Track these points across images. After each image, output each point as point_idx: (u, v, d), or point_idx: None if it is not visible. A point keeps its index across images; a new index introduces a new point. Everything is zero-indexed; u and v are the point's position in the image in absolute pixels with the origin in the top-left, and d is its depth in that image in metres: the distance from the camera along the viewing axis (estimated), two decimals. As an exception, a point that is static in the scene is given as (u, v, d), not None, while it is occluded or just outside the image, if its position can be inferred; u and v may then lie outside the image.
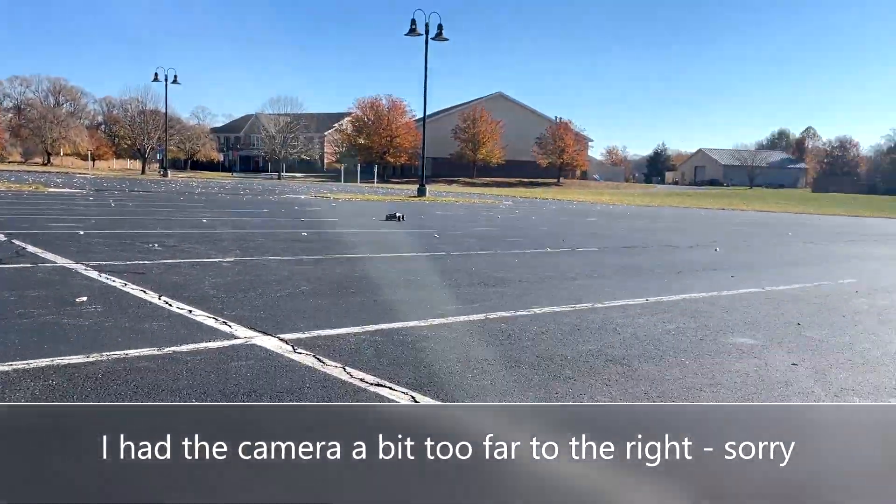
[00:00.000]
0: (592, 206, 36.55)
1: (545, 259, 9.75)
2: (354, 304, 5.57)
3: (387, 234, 13.35)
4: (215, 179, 62.42)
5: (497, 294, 6.43)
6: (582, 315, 5.55)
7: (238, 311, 5.05)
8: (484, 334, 4.71)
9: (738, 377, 3.86)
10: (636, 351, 4.39)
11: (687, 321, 5.44)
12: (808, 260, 11.22)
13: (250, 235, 11.35)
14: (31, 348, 3.80)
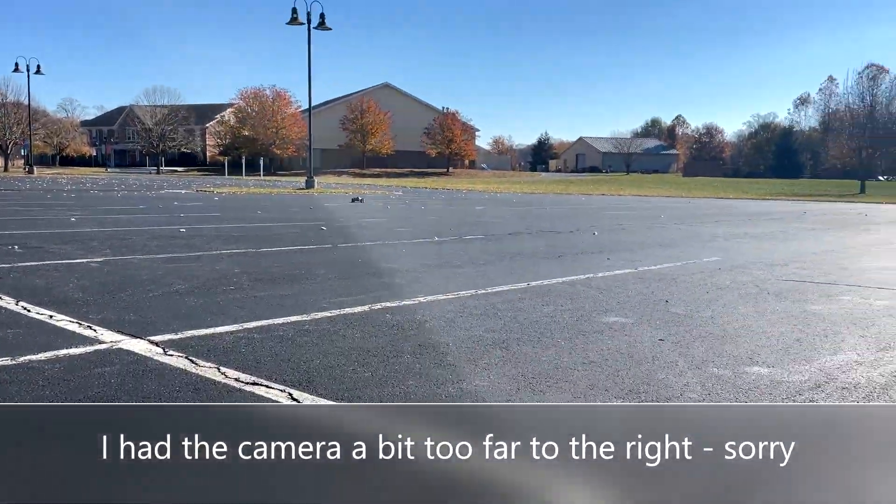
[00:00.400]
0: (480, 195, 37.18)
1: (432, 248, 9.82)
2: (233, 302, 5.39)
3: (273, 227, 13.02)
4: (87, 175, 58.68)
5: (383, 285, 6.41)
6: (465, 302, 5.62)
7: (105, 314, 4.77)
8: (367, 326, 4.68)
9: (609, 354, 4.03)
10: (515, 334, 4.50)
11: (564, 303, 5.63)
12: (678, 241, 11.90)
13: (123, 234, 10.75)
14: None
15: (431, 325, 4.74)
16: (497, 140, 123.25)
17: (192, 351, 3.88)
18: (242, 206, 20.58)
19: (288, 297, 5.70)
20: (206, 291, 5.81)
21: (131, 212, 16.29)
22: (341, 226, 13.47)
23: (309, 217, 16.21)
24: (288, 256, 8.45)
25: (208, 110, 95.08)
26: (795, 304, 5.77)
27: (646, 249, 10.16)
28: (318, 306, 5.27)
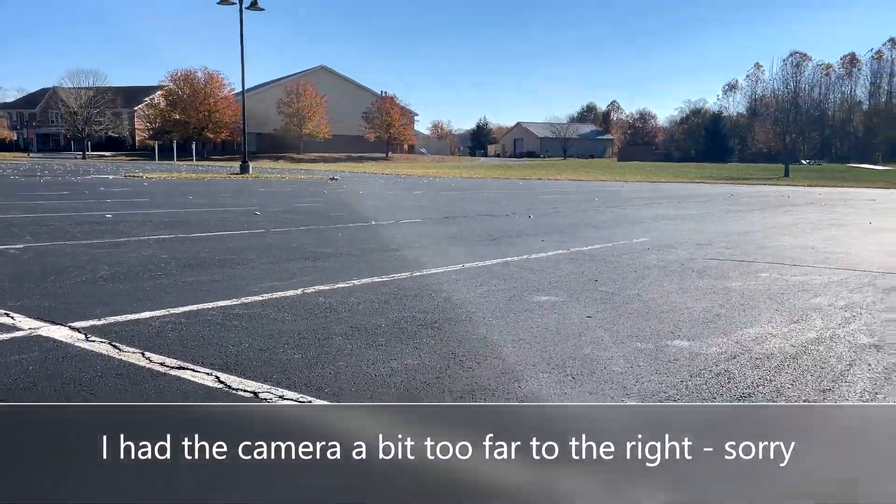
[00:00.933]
0: (419, 179, 37.15)
1: (369, 232, 9.78)
2: (159, 287, 5.27)
3: (204, 213, 12.72)
4: (7, 161, 55.93)
5: (317, 268, 6.36)
6: (400, 284, 5.64)
7: (24, 302, 4.59)
8: (299, 309, 4.65)
9: (538, 332, 4.12)
10: (448, 314, 4.55)
11: (497, 283, 5.71)
12: (610, 223, 12.18)
13: (46, 220, 10.33)
14: None
15: (364, 307, 4.74)
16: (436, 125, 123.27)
17: (116, 336, 3.78)
18: (173, 191, 20.02)
19: (218, 282, 5.60)
20: (132, 277, 5.66)
21: (55, 198, 15.65)
22: (275, 211, 13.27)
23: (242, 202, 15.91)
24: (219, 242, 8.29)
25: (137, 93, 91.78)
26: (717, 281, 6.00)
27: (579, 231, 10.37)
28: (249, 291, 5.20)
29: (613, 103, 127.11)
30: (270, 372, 3.28)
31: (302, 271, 6.18)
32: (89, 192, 18.40)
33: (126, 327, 4.02)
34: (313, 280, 5.73)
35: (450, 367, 3.41)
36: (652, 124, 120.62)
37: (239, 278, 5.76)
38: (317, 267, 6.45)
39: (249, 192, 20.14)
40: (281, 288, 5.34)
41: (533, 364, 3.49)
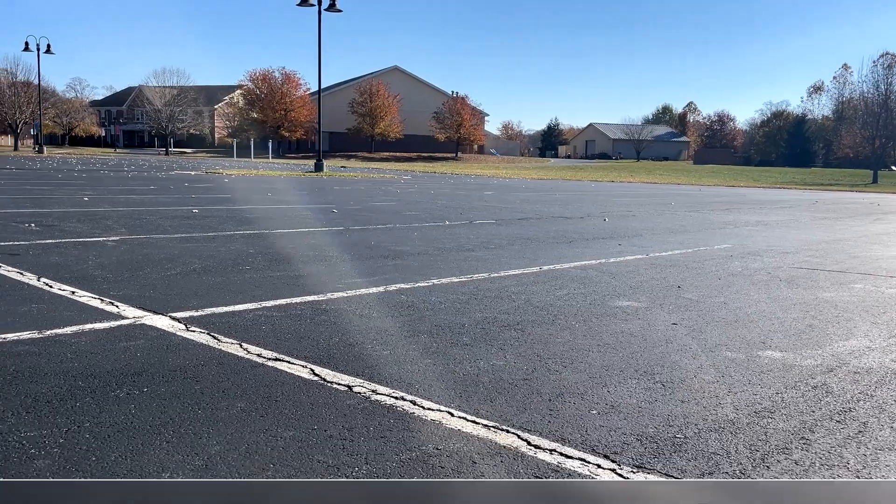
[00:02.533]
0: (489, 180, 37.14)
1: (443, 232, 9.86)
2: (250, 281, 5.46)
3: (283, 209, 13.08)
4: (97, 155, 58.86)
5: (396, 266, 6.47)
6: (478, 284, 5.68)
7: (125, 291, 4.85)
8: (383, 306, 4.74)
9: (623, 337, 4.08)
10: (529, 316, 4.56)
11: (577, 287, 5.68)
12: (689, 227, 11.90)
13: (137, 213, 10.83)
14: None
15: (446, 306, 4.80)
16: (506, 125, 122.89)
17: (214, 327, 3.96)
18: (252, 188, 20.65)
19: (304, 277, 5.76)
20: (223, 271, 5.88)
21: (143, 192, 16.38)
22: (352, 209, 13.53)
23: (319, 200, 16.27)
24: (300, 238, 8.52)
25: (217, 92, 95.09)
26: (807, 292, 5.80)
27: (657, 236, 10.17)
28: (334, 287, 5.34)
29: (690, 104, 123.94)
30: (361, 367, 3.36)
31: (382, 269, 6.30)
32: (174, 187, 19.17)
33: (222, 318, 4.19)
34: (394, 278, 5.83)
35: (536, 369, 3.43)
36: (730, 126, 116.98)
37: (323, 274, 5.92)
38: (396, 265, 6.55)
39: (325, 190, 20.59)
40: (364, 285, 5.46)
41: (620, 370, 3.46)
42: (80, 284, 5.00)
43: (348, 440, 2.49)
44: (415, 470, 2.27)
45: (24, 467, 2.17)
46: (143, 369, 3.18)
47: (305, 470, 2.24)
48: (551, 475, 2.27)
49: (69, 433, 2.44)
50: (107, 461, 2.24)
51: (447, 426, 2.65)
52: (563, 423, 2.72)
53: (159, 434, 2.47)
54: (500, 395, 3.02)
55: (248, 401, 2.84)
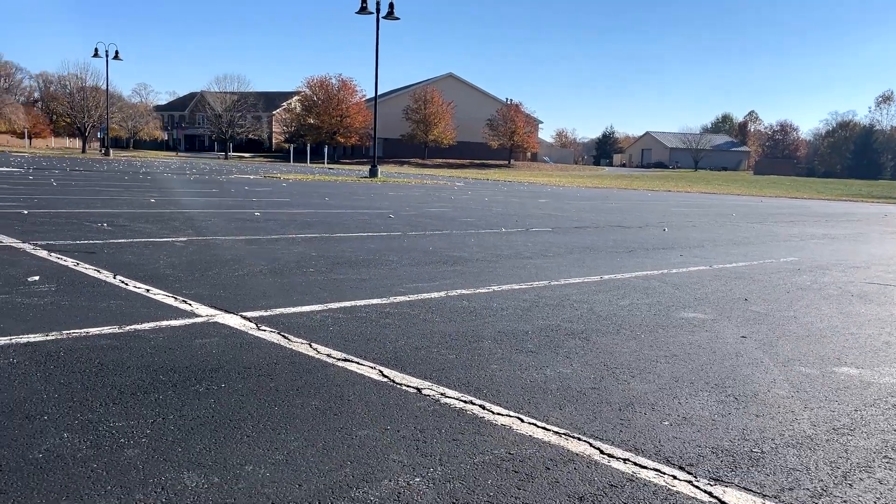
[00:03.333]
0: (543, 188, 36.95)
1: (500, 239, 9.86)
2: (314, 283, 5.57)
3: (342, 214, 13.28)
4: (159, 159, 60.78)
5: (456, 272, 6.50)
6: (539, 292, 5.66)
7: (197, 290, 5.00)
8: (445, 311, 4.78)
9: (691, 349, 4.02)
10: (593, 325, 4.52)
11: (640, 297, 5.61)
12: (752, 239, 11.62)
13: (201, 215, 11.16)
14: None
15: (508, 312, 4.81)
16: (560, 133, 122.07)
17: (283, 327, 4.05)
18: (310, 192, 21.01)
19: (366, 280, 5.84)
20: (288, 272, 6.01)
21: (206, 195, 16.85)
22: (408, 214, 13.64)
23: (375, 205, 16.45)
24: (360, 242, 8.63)
25: (276, 98, 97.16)
26: (882, 308, 5.60)
27: (719, 247, 9.96)
28: (396, 291, 5.40)
29: (751, 114, 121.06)
30: (429, 370, 3.40)
31: (442, 274, 6.34)
32: (235, 190, 19.66)
33: (290, 319, 4.29)
34: (454, 283, 5.86)
35: (604, 378, 3.40)
36: (793, 137, 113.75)
37: (384, 278, 5.99)
38: (455, 271, 6.59)
39: (380, 196, 20.81)
40: (425, 289, 5.51)
41: (690, 381, 3.41)
42: (153, 283, 5.18)
43: (421, 441, 2.52)
44: (489, 473, 2.29)
45: (115, 456, 2.27)
46: (220, 366, 3.28)
47: (381, 469, 2.28)
48: (626, 484, 2.26)
49: (155, 424, 2.54)
50: (192, 452, 2.32)
51: (518, 431, 2.66)
52: (636, 433, 2.70)
53: (239, 428, 2.55)
54: (569, 403, 3.01)
55: (322, 399, 2.90)
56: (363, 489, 2.13)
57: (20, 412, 2.59)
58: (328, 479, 2.19)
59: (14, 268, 5.52)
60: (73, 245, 6.96)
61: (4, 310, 4.13)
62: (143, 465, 2.21)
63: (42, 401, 2.72)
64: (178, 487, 2.07)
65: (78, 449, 2.30)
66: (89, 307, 4.31)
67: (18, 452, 2.25)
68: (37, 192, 14.40)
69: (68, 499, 1.97)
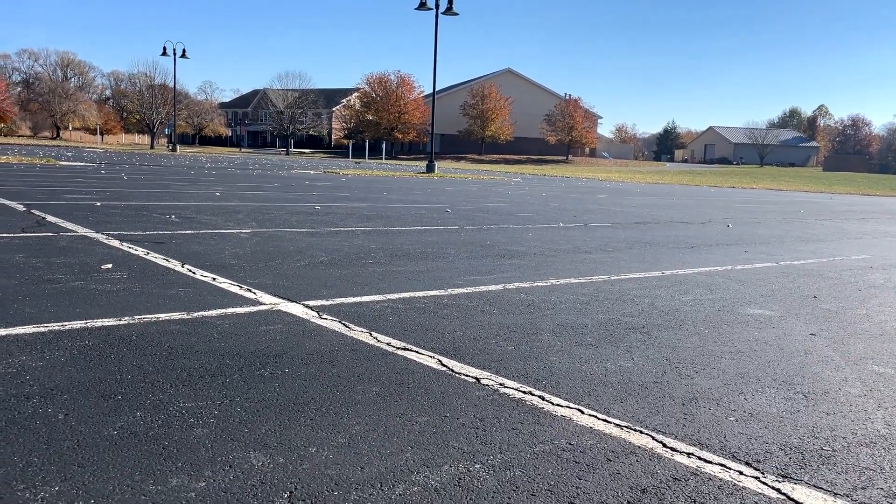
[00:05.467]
0: (601, 184, 36.44)
1: (558, 233, 9.78)
2: (373, 274, 5.64)
3: (400, 208, 13.38)
4: (224, 154, 62.41)
5: (513, 266, 6.48)
6: (598, 286, 5.60)
7: (261, 280, 5.13)
8: (503, 303, 4.77)
9: (757, 345, 3.91)
10: (654, 320, 4.45)
11: (703, 293, 5.49)
12: (821, 236, 11.21)
13: (264, 208, 11.41)
14: (63, 311, 3.88)
15: (567, 306, 4.77)
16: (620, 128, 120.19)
17: (344, 316, 4.12)
18: (368, 187, 21.25)
19: (424, 273, 5.88)
20: (348, 264, 6.10)
21: (268, 189, 17.22)
22: (465, 209, 13.65)
23: (432, 200, 16.52)
24: (418, 236, 8.69)
25: (335, 94, 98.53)
26: (963, 307, 5.33)
27: (786, 244, 9.65)
28: (454, 283, 5.42)
29: (821, 108, 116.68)
30: (487, 360, 3.40)
31: (499, 268, 6.32)
32: (296, 185, 20.03)
33: (351, 308, 4.35)
34: (511, 277, 5.84)
35: (667, 372, 3.34)
36: (865, 132, 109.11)
37: (442, 270, 6.02)
38: (513, 264, 6.56)
39: (437, 191, 20.88)
40: (483, 282, 5.51)
41: (756, 378, 3.32)
42: (219, 272, 5.33)
43: (480, 429, 2.52)
44: (549, 463, 2.28)
45: (185, 434, 2.35)
46: (284, 352, 3.36)
47: (441, 455, 2.29)
48: (690, 478, 2.22)
49: (222, 406, 2.62)
50: (258, 433, 2.38)
51: (578, 423, 2.64)
52: (700, 428, 2.64)
53: (303, 412, 2.60)
54: (631, 397, 2.97)
55: (382, 386, 2.94)
56: (424, 473, 2.15)
57: (96, 391, 2.71)
58: (389, 462, 2.21)
59: (89, 256, 5.77)
60: (144, 235, 7.22)
61: (80, 295, 4.32)
62: (211, 444, 2.28)
63: (116, 381, 2.83)
64: (246, 466, 2.13)
65: (150, 427, 2.39)
66: (159, 294, 4.47)
67: (95, 429, 2.35)
68: (109, 186, 14.98)
69: (141, 474, 2.05)
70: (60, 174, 18.64)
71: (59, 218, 8.32)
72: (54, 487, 1.94)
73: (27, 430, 2.31)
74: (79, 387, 2.74)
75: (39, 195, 11.57)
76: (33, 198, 10.92)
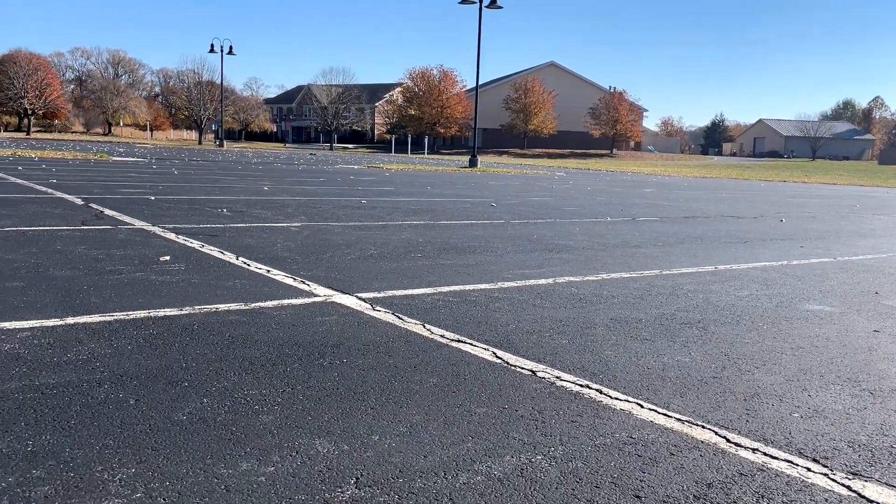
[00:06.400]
0: (648, 178, 35.94)
1: (606, 228, 9.69)
2: (423, 267, 5.67)
3: (444, 202, 13.41)
4: (269, 150, 63.34)
5: (562, 260, 6.44)
6: (650, 281, 5.53)
7: (313, 272, 5.20)
8: (554, 297, 4.75)
9: (818, 342, 3.82)
10: (711, 315, 4.38)
11: (759, 288, 5.37)
12: (879, 231, 10.87)
13: (312, 202, 11.56)
14: (127, 301, 4.00)
15: (619, 300, 4.72)
16: (666, 121, 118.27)
17: (397, 308, 4.15)
18: (412, 181, 21.34)
19: (472, 266, 5.89)
20: (397, 257, 6.15)
21: (314, 183, 17.44)
22: (510, 203, 13.61)
23: (476, 194, 16.51)
24: (464, 230, 8.70)
25: (378, 89, 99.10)
26: None
27: (842, 239, 9.39)
28: (503, 276, 5.41)
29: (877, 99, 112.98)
30: (542, 353, 3.39)
31: (548, 262, 6.30)
32: (341, 179, 20.24)
33: (403, 301, 4.38)
34: (561, 271, 5.81)
35: (726, 368, 3.29)
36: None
37: (491, 264, 6.02)
38: (561, 259, 6.53)
39: (481, 185, 20.86)
40: (533, 276, 5.49)
41: (819, 374, 3.24)
42: (273, 264, 5.42)
43: (539, 421, 2.52)
44: (611, 455, 2.26)
45: (252, 421, 2.40)
46: (340, 342, 3.40)
47: (503, 445, 2.30)
48: (756, 474, 2.18)
49: (285, 394, 2.67)
50: (321, 421, 2.43)
51: (638, 416, 2.62)
52: (763, 424, 2.60)
53: (363, 401, 2.64)
54: (690, 391, 2.93)
55: (439, 377, 2.96)
56: (486, 463, 2.16)
57: (163, 378, 2.79)
58: (451, 452, 2.23)
59: (147, 248, 5.93)
60: (198, 228, 7.39)
61: (142, 286, 4.44)
62: (277, 431, 2.33)
63: (181, 368, 2.91)
64: (312, 452, 2.18)
65: (217, 413, 2.45)
66: (216, 285, 4.57)
67: (165, 414, 2.43)
68: (161, 180, 15.36)
69: (212, 458, 2.11)
70: (114, 169, 19.18)
71: (117, 211, 8.56)
72: (130, 469, 2.01)
73: (101, 414, 2.40)
74: (147, 373, 2.82)
75: (96, 189, 11.93)
76: (90, 192, 11.26)
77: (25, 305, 3.81)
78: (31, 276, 4.59)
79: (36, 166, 18.48)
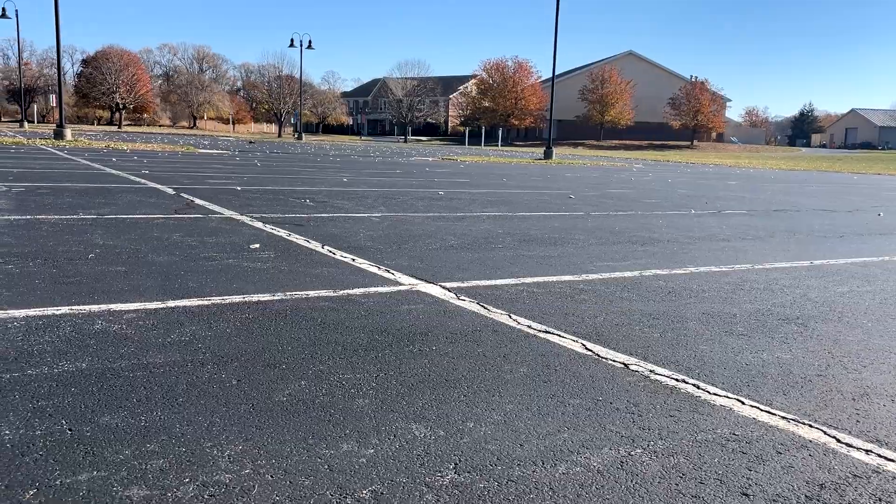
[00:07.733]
0: (731, 170, 34.73)
1: (690, 221, 9.41)
2: (504, 258, 5.64)
3: (521, 193, 13.33)
4: (346, 142, 64.44)
5: (647, 252, 6.30)
6: (742, 275, 5.34)
7: (397, 261, 5.26)
8: (641, 290, 4.64)
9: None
10: (809, 311, 4.19)
11: (860, 284, 5.11)
12: None
13: (390, 193, 11.69)
14: (222, 286, 4.14)
15: (710, 294, 4.58)
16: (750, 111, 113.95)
17: (481, 298, 4.15)
18: (487, 173, 21.29)
19: (554, 258, 5.82)
20: (477, 247, 6.14)
21: (391, 175, 17.64)
22: (588, 195, 13.41)
23: (553, 186, 16.33)
24: (543, 221, 8.62)
25: (452, 82, 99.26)
26: None
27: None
28: (587, 269, 5.33)
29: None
30: (633, 346, 3.32)
31: (633, 254, 6.16)
32: (417, 171, 20.39)
33: (486, 291, 4.38)
34: (647, 263, 5.68)
35: (830, 366, 3.14)
36: None
37: (573, 256, 5.94)
38: (646, 251, 6.38)
39: (557, 177, 20.63)
40: (617, 268, 5.39)
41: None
42: (357, 253, 5.51)
43: (636, 415, 2.47)
44: (713, 452, 2.19)
45: (349, 403, 2.45)
46: (428, 330, 3.43)
47: (600, 437, 2.26)
48: (872, 476, 2.07)
49: (378, 379, 2.71)
50: (416, 406, 2.45)
51: (739, 413, 2.53)
52: (875, 425, 2.46)
53: (456, 388, 2.64)
54: (793, 389, 2.81)
55: (529, 367, 2.94)
56: (585, 455, 2.13)
57: (262, 360, 2.87)
58: (548, 442, 2.21)
59: (237, 236, 6.13)
60: (283, 218, 7.59)
61: (235, 272, 4.59)
62: (373, 414, 2.36)
63: (278, 351, 2.99)
64: (409, 437, 2.20)
65: (315, 395, 2.51)
66: (305, 272, 4.68)
67: (266, 395, 2.50)
68: (245, 172, 15.85)
69: (314, 438, 2.16)
70: (200, 161, 19.91)
71: (206, 201, 8.88)
72: (238, 447, 2.08)
73: (206, 393, 2.49)
74: (246, 355, 2.92)
75: (185, 180, 12.41)
76: (180, 182, 11.73)
77: (129, 289, 3.99)
78: (133, 261, 4.82)
79: (128, 158, 19.39)
